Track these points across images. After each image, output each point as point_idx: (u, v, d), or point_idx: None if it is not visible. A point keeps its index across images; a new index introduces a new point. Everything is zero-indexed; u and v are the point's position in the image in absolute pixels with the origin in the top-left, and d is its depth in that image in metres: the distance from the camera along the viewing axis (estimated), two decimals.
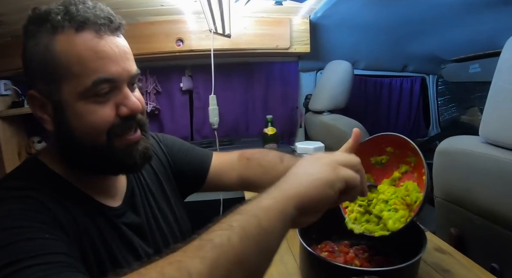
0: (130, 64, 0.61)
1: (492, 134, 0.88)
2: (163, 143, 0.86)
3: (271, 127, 1.55)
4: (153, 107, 2.06)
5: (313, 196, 0.47)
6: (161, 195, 0.78)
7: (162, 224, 0.74)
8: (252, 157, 0.88)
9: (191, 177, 0.86)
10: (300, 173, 0.51)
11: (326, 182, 0.49)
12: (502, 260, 0.95)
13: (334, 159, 0.52)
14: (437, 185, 1.13)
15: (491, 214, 0.92)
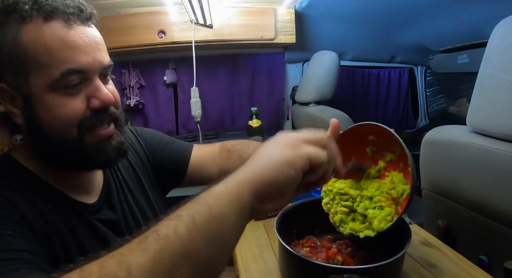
0: (102, 55, 0.59)
1: (479, 124, 0.85)
2: (141, 136, 0.84)
3: (256, 119, 1.51)
4: (136, 102, 2.01)
5: (270, 178, 0.43)
6: (139, 190, 0.76)
7: (140, 220, 0.71)
8: (232, 149, 0.86)
9: (171, 171, 0.84)
10: (258, 155, 0.46)
11: (285, 161, 0.44)
12: (490, 252, 0.93)
13: (297, 137, 0.47)
14: (424, 176, 1.10)
15: (479, 205, 0.89)
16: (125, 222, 0.68)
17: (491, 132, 0.82)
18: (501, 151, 0.78)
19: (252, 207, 0.42)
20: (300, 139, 0.47)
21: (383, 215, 0.65)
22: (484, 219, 0.89)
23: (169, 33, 1.80)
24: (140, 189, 0.76)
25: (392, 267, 0.60)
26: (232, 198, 0.41)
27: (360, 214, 0.68)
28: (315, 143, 0.48)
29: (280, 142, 0.47)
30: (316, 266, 0.57)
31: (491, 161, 0.81)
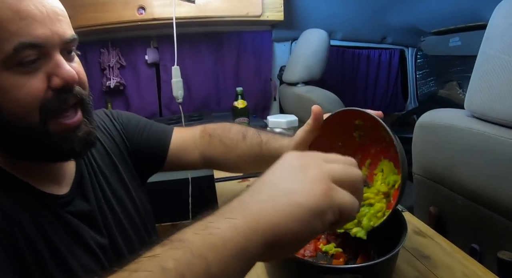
0: (63, 27, 0.52)
1: (479, 108, 0.80)
2: (117, 120, 0.78)
3: (241, 100, 1.44)
4: (117, 83, 1.92)
5: (291, 230, 0.33)
6: (115, 178, 0.71)
7: (117, 210, 0.67)
8: (214, 133, 0.81)
9: (150, 156, 0.79)
10: (276, 188, 0.36)
11: (315, 211, 0.34)
12: (482, 241, 0.90)
13: (327, 170, 0.37)
14: (416, 161, 1.05)
15: (474, 193, 0.85)
16: (100, 213, 0.63)
17: (491, 118, 0.77)
18: (502, 138, 0.73)
19: (261, 257, 0.33)
20: (334, 174, 0.37)
21: (372, 212, 0.60)
22: (479, 207, 0.85)
23: (149, 9, 1.70)
24: (116, 176, 0.71)
25: (386, 264, 0.55)
26: (238, 252, 0.31)
27: None
28: (350, 185, 0.38)
29: (306, 173, 0.36)
30: (304, 265, 0.52)
31: (490, 148, 0.76)
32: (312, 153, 0.40)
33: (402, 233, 0.61)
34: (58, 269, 0.51)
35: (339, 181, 0.37)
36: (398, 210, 0.67)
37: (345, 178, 0.38)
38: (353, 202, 0.37)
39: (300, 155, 0.40)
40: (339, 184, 0.37)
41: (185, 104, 1.93)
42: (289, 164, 0.39)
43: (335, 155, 0.41)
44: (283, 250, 0.34)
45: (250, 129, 0.78)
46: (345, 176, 0.38)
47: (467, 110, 0.84)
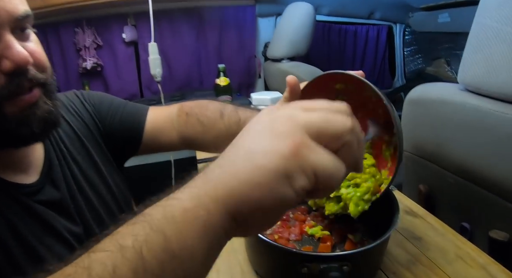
0: (12, 2, 0.46)
1: (473, 81, 0.75)
2: (88, 102, 0.72)
3: (223, 77, 1.37)
4: (94, 64, 1.82)
5: (253, 198, 0.27)
6: (88, 163, 0.66)
7: (91, 197, 0.63)
8: (191, 112, 0.76)
9: (125, 138, 0.74)
10: (238, 150, 0.30)
11: (279, 174, 0.27)
12: (472, 219, 0.87)
13: (301, 121, 0.29)
14: (406, 138, 1.01)
15: (466, 171, 0.81)
16: (72, 201, 0.59)
17: (486, 91, 0.72)
18: (498, 113, 0.69)
19: (228, 232, 0.29)
20: (311, 127, 0.29)
21: (359, 194, 0.55)
22: (470, 185, 0.82)
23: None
24: (88, 161, 0.66)
25: (375, 250, 0.51)
26: (199, 224, 0.27)
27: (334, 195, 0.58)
28: (333, 139, 0.30)
29: (274, 131, 0.29)
30: (287, 253, 0.47)
31: (485, 123, 0.72)
32: (291, 103, 0.32)
33: (393, 214, 0.57)
34: (29, 260, 0.48)
35: (317, 135, 0.29)
36: (390, 193, 0.63)
37: (325, 130, 0.29)
38: (333, 163, 0.29)
39: (276, 107, 0.32)
40: (317, 138, 0.29)
41: (166, 84, 1.85)
42: (259, 119, 0.31)
43: (321, 101, 0.32)
44: (250, 223, 0.29)
45: (228, 107, 0.73)
46: (325, 127, 0.29)
47: (461, 83, 0.80)
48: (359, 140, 0.31)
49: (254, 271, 0.60)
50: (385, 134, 0.56)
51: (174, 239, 0.26)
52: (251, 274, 0.60)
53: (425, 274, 0.59)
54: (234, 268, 0.62)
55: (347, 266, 0.46)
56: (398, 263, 0.62)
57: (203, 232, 0.27)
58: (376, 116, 0.59)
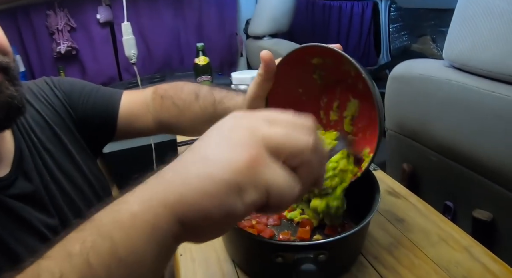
0: None
1: (459, 57, 0.72)
2: (58, 88, 0.69)
3: (202, 56, 1.31)
4: (68, 47, 1.73)
5: (201, 207, 0.26)
6: (61, 152, 0.64)
7: (66, 187, 0.60)
8: (166, 95, 0.73)
9: (98, 125, 0.71)
10: (194, 155, 0.28)
11: (229, 186, 0.26)
12: (456, 199, 0.86)
13: (263, 134, 0.28)
14: (389, 116, 0.99)
15: (450, 150, 0.79)
16: (46, 192, 0.57)
17: (473, 68, 0.69)
18: (484, 90, 0.66)
19: (177, 237, 0.27)
20: (271, 143, 0.27)
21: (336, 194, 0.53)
22: (454, 164, 0.80)
23: None
24: (61, 149, 0.64)
25: (354, 237, 0.48)
26: (147, 230, 0.26)
27: None
28: (291, 157, 0.28)
29: (233, 141, 0.27)
30: (259, 243, 0.44)
31: (470, 101, 0.69)
32: (258, 112, 0.30)
33: (374, 197, 0.55)
34: (3, 257, 0.46)
35: (276, 150, 0.27)
36: (371, 175, 0.60)
37: (285, 147, 0.28)
38: (287, 182, 0.27)
39: (241, 114, 0.31)
40: (275, 154, 0.27)
41: (145, 66, 1.78)
42: (222, 125, 0.30)
43: (288, 115, 0.30)
44: (199, 231, 0.28)
45: (203, 88, 0.70)
46: (285, 144, 0.28)
47: (446, 60, 0.76)
48: (320, 158, 0.30)
49: (231, 260, 0.58)
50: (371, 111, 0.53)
51: (122, 244, 0.25)
52: (227, 262, 0.58)
53: (407, 257, 0.57)
54: (210, 256, 0.59)
55: (324, 255, 0.43)
56: (379, 246, 0.60)
57: (152, 237, 0.26)
58: (356, 92, 0.55)
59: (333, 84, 0.58)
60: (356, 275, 0.54)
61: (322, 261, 0.43)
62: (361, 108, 0.56)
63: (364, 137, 0.56)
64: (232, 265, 0.57)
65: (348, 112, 0.57)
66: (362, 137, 0.56)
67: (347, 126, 0.58)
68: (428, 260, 0.56)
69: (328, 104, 0.60)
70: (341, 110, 0.59)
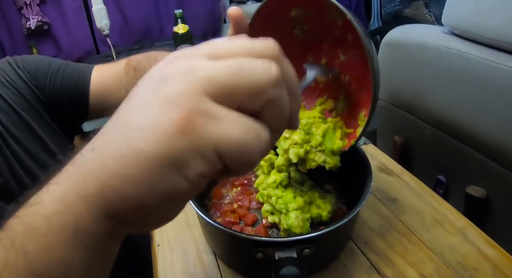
0: None
1: (460, 23, 0.65)
2: (22, 69, 0.64)
3: (182, 24, 1.21)
4: (39, 22, 1.59)
5: (131, 195, 0.19)
6: (31, 139, 0.59)
7: (39, 176, 0.57)
8: (139, 67, 0.67)
9: (69, 104, 0.65)
10: (115, 123, 0.21)
11: (164, 161, 0.19)
12: (449, 173, 0.83)
13: (201, 78, 0.19)
14: (382, 86, 0.93)
15: (445, 123, 0.75)
16: (17, 184, 0.54)
17: (475, 36, 0.63)
18: (486, 61, 0.60)
19: (112, 235, 0.21)
20: (216, 86, 0.19)
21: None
22: (449, 138, 0.76)
23: None
24: (31, 137, 0.59)
25: (342, 229, 0.44)
26: (69, 232, 0.20)
27: None
28: (247, 98, 0.20)
29: (160, 96, 0.19)
30: (238, 239, 0.39)
31: (471, 72, 0.64)
32: (201, 46, 0.22)
33: (366, 178, 0.50)
34: None
35: (222, 94, 0.19)
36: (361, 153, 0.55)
37: (235, 87, 0.19)
38: (245, 132, 0.19)
39: (177, 54, 0.22)
40: (223, 99, 0.19)
41: (122, 37, 1.68)
42: (152, 73, 0.22)
43: (240, 40, 0.21)
44: (138, 222, 0.21)
45: None
46: (235, 82, 0.19)
47: (446, 25, 0.70)
48: (291, 91, 0.22)
49: (212, 251, 0.53)
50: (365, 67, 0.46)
51: (39, 258, 0.20)
52: (208, 253, 0.53)
53: (400, 242, 0.53)
54: (189, 246, 0.55)
55: (309, 249, 0.39)
56: (370, 230, 0.56)
57: (76, 243, 0.20)
58: (346, 45, 0.48)
59: (318, 40, 0.51)
60: (345, 263, 0.50)
61: (307, 255, 0.39)
62: (354, 65, 0.49)
63: (359, 98, 0.50)
64: (213, 256, 0.53)
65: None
66: (356, 99, 0.51)
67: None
68: (422, 245, 0.52)
69: (315, 62, 0.52)
70: (330, 69, 0.51)
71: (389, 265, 0.49)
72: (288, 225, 0.49)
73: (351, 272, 0.49)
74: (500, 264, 0.49)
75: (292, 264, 0.34)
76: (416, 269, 0.49)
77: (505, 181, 0.66)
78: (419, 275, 0.48)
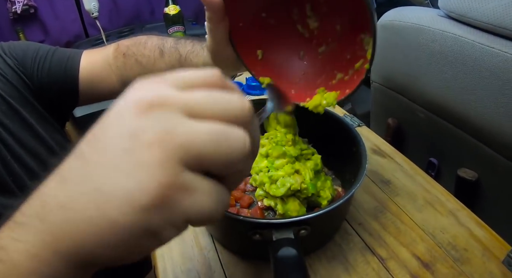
0: None
1: (457, 6, 0.65)
2: (9, 55, 0.62)
3: (172, 5, 1.19)
4: (25, 6, 1.53)
5: (106, 256, 0.20)
6: (20, 126, 0.58)
7: (29, 163, 0.56)
8: (128, 52, 0.66)
9: (58, 91, 0.64)
10: (83, 180, 0.20)
11: (138, 232, 0.19)
12: (441, 156, 0.84)
13: (180, 140, 0.19)
14: (375, 67, 0.93)
15: (438, 106, 0.75)
16: (8, 173, 0.53)
17: (471, 20, 0.62)
18: (481, 45, 0.61)
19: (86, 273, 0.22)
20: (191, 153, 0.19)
21: None
22: (443, 122, 0.77)
23: None
24: (21, 124, 0.58)
25: (337, 210, 0.44)
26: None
27: None
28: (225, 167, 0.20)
29: (136, 153, 0.19)
30: (236, 221, 0.40)
31: (466, 56, 0.64)
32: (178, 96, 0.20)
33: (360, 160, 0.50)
34: None
35: (198, 162, 0.19)
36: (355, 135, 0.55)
37: (212, 159, 0.20)
38: (214, 201, 0.20)
39: (147, 98, 0.20)
40: (197, 165, 0.20)
41: (112, 19, 1.63)
42: (122, 121, 0.20)
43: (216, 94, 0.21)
44: (112, 264, 0.21)
45: (168, 42, 0.63)
46: (213, 155, 0.20)
47: (442, 8, 0.69)
48: (254, 154, 0.24)
49: (209, 234, 0.54)
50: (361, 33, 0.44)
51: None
52: (205, 236, 0.54)
53: (393, 223, 0.55)
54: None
55: (306, 230, 0.40)
56: (364, 211, 0.57)
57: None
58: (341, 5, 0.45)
59: (314, 5, 0.48)
60: (340, 244, 0.52)
61: (304, 236, 0.40)
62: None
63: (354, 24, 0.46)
64: (210, 239, 0.54)
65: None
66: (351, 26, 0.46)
67: None
68: (414, 225, 0.54)
69: (301, 13, 0.49)
70: (318, 10, 0.47)
71: (383, 245, 0.51)
72: (284, 209, 0.50)
73: (345, 252, 0.50)
74: (489, 245, 0.50)
75: (289, 244, 0.34)
76: (409, 249, 0.50)
77: (496, 164, 0.67)
78: (412, 254, 0.49)
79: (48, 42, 1.57)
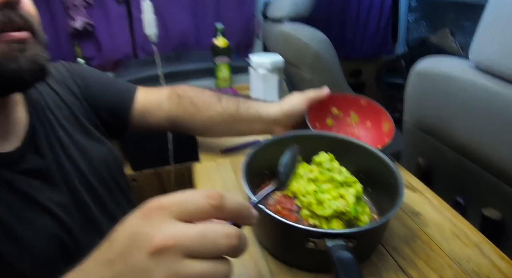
0: None
1: (486, 60, 0.73)
2: (76, 74, 0.72)
3: (222, 38, 1.31)
4: (85, 24, 1.71)
5: None
6: (78, 130, 0.64)
7: (80, 164, 0.60)
8: (184, 95, 0.81)
9: (111, 119, 0.74)
10: None
11: None
12: (467, 195, 0.90)
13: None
14: (409, 110, 1.01)
15: (467, 149, 0.82)
16: (59, 169, 0.56)
17: (499, 72, 0.70)
18: (508, 96, 0.68)
19: None
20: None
21: None
22: (469, 163, 0.83)
23: None
24: (78, 128, 0.65)
25: (380, 228, 0.52)
26: None
27: None
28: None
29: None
30: (291, 228, 0.48)
31: (492, 105, 0.71)
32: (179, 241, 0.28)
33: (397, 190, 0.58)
34: (8, 242, 0.45)
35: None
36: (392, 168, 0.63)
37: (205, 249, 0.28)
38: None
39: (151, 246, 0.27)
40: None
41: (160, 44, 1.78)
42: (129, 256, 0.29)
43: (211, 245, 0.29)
44: None
45: (224, 95, 0.82)
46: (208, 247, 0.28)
47: (472, 60, 0.78)
48: None
49: (258, 242, 0.62)
50: None
51: None
52: (253, 244, 0.61)
53: (423, 250, 0.61)
54: None
55: (352, 243, 0.47)
56: (398, 238, 0.63)
57: None
58: None
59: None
60: (377, 264, 0.58)
61: (351, 248, 0.47)
62: None
63: None
64: (260, 248, 0.61)
65: None
66: None
67: None
68: (442, 253, 0.60)
69: None
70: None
71: (414, 268, 0.57)
72: (328, 227, 0.57)
73: (381, 271, 0.56)
74: (510, 275, 0.56)
75: (344, 249, 0.42)
76: (437, 273, 0.56)
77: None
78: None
79: (100, 58, 1.75)
